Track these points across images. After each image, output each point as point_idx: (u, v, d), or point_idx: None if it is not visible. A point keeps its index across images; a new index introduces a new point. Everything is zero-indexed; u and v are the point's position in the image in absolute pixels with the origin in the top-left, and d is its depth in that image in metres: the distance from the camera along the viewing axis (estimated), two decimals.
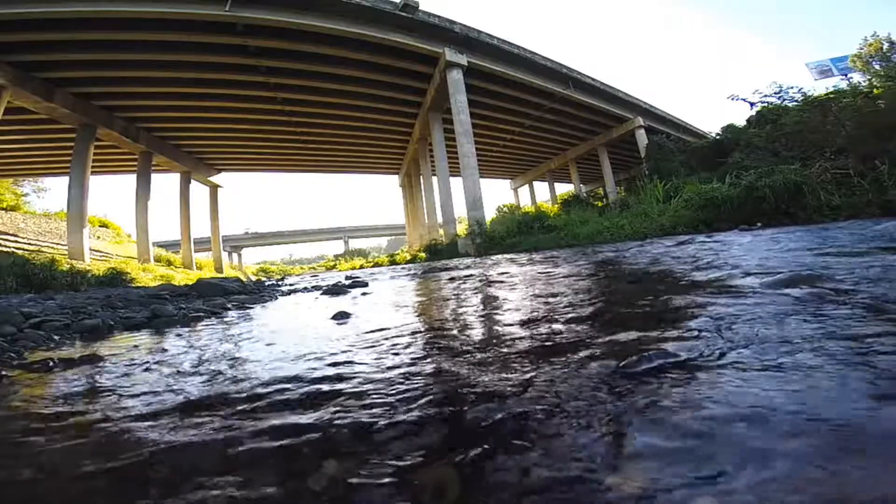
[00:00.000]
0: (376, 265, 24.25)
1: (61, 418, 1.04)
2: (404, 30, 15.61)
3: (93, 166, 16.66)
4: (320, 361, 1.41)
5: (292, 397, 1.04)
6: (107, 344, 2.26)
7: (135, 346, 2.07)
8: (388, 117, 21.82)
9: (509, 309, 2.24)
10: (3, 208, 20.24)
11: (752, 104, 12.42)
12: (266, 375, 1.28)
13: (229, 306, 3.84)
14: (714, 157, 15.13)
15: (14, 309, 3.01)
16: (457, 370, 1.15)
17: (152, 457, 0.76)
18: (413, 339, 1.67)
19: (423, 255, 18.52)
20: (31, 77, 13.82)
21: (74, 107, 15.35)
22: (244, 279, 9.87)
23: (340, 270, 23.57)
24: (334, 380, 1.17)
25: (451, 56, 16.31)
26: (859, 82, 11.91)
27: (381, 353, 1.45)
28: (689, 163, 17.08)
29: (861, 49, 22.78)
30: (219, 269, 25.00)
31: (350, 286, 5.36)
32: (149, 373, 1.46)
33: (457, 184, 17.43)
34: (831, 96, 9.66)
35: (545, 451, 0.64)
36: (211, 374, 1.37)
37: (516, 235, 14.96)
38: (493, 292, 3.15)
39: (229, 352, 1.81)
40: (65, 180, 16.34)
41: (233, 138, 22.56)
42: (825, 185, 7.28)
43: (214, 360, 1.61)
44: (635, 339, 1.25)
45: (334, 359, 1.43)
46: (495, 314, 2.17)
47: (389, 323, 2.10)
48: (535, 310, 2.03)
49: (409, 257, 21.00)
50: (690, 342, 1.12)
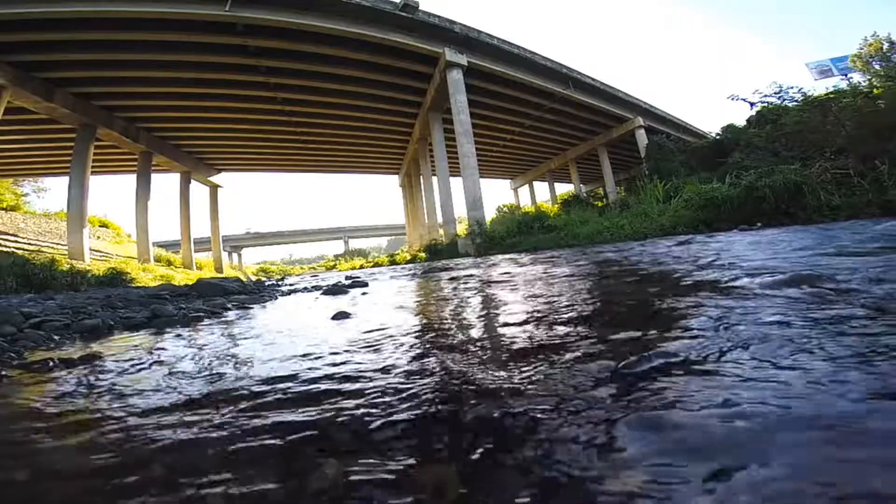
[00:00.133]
0: (376, 265, 24.26)
1: (61, 417, 1.03)
2: (404, 30, 15.62)
3: (93, 166, 16.67)
4: (320, 361, 1.41)
5: (292, 396, 1.04)
6: (107, 344, 2.25)
7: (135, 346, 2.07)
8: (388, 117, 21.83)
9: (509, 309, 2.24)
10: (3, 208, 20.26)
11: (752, 104, 12.44)
12: (266, 374, 1.28)
13: (229, 306, 3.84)
14: (714, 157, 15.14)
15: (14, 309, 3.01)
16: (456, 369, 1.15)
17: (152, 454, 0.76)
18: (413, 339, 1.67)
19: (423, 255, 18.53)
20: (31, 77, 13.83)
21: (74, 107, 15.36)
22: (244, 279, 9.87)
23: (340, 270, 23.58)
24: (333, 379, 1.17)
25: (451, 56, 16.32)
26: (859, 82, 11.91)
27: (381, 353, 1.45)
28: (689, 163, 17.09)
29: (861, 49, 22.81)
30: (219, 269, 25.01)
31: (350, 286, 5.36)
32: (149, 372, 1.46)
33: (457, 184, 17.47)
34: (831, 96, 9.66)
35: (544, 450, 0.64)
36: (211, 373, 1.37)
37: (516, 235, 14.96)
38: (494, 292, 3.14)
39: (229, 351, 1.81)
40: (65, 180, 16.36)
41: (233, 138, 22.58)
42: (825, 185, 7.28)
43: (214, 360, 1.61)
44: (636, 339, 1.25)
45: (334, 358, 1.43)
46: (495, 314, 2.17)
47: (389, 323, 2.10)
48: (536, 310, 2.02)
49: (409, 257, 21.01)
50: (691, 342, 1.12)
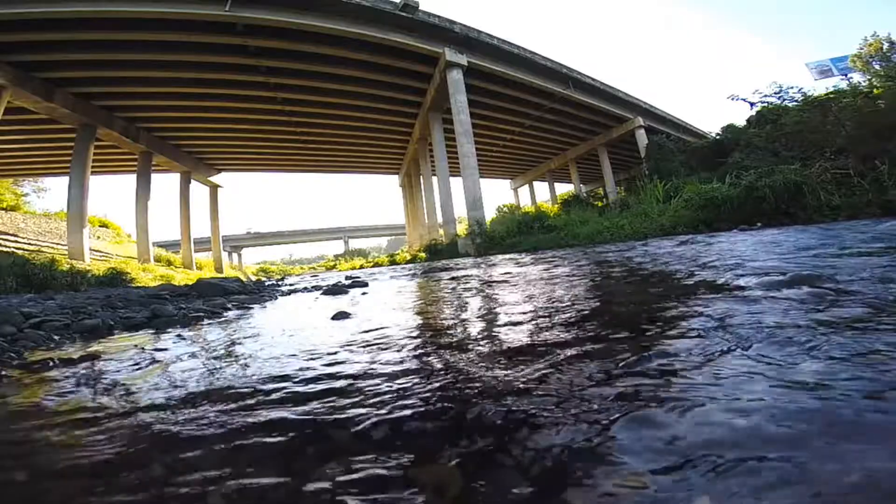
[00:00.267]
0: (376, 265, 24.25)
1: (61, 417, 1.03)
2: (404, 30, 15.61)
3: (93, 166, 16.66)
4: (319, 360, 1.41)
5: (291, 395, 1.04)
6: (107, 344, 2.25)
7: (135, 346, 2.07)
8: (388, 117, 21.82)
9: (509, 309, 2.23)
10: (3, 208, 20.24)
11: (752, 104, 12.43)
12: (265, 373, 1.28)
13: (229, 306, 3.84)
14: (714, 157, 15.13)
15: (14, 309, 3.00)
16: (455, 369, 1.15)
17: (152, 453, 0.76)
18: (413, 339, 1.67)
19: (423, 255, 18.52)
20: (31, 77, 13.82)
21: (74, 107, 15.35)
22: (244, 279, 9.86)
23: (340, 270, 23.57)
24: (332, 378, 1.17)
25: (451, 56, 16.31)
26: (859, 82, 11.91)
27: (380, 352, 1.45)
28: (689, 163, 17.08)
29: (861, 49, 22.79)
30: (219, 269, 25.00)
31: (350, 286, 5.36)
32: (148, 372, 1.46)
33: (457, 184, 17.45)
34: (831, 96, 9.66)
35: (542, 451, 0.64)
36: (211, 373, 1.37)
37: (516, 235, 14.96)
38: (494, 292, 3.14)
39: (229, 351, 1.81)
40: (65, 180, 16.35)
41: (233, 138, 22.57)
42: (825, 185, 7.28)
43: (214, 360, 1.61)
44: (636, 338, 1.25)
45: (333, 358, 1.43)
46: (495, 314, 2.17)
47: (389, 323, 2.10)
48: (536, 310, 2.02)
49: (409, 257, 21.00)
50: (691, 342, 1.12)
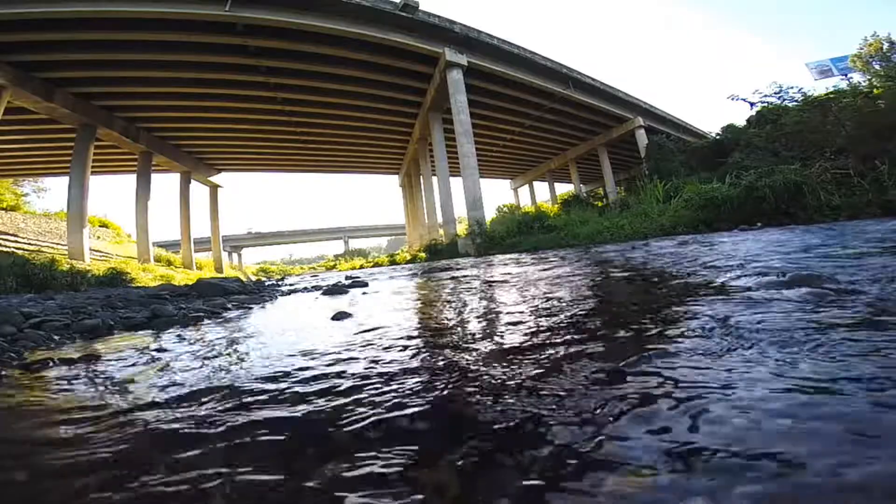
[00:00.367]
0: (376, 265, 24.25)
1: (61, 416, 1.03)
2: (404, 30, 15.61)
3: (93, 166, 16.66)
4: (319, 360, 1.40)
5: (291, 394, 1.04)
6: (107, 344, 2.26)
7: (134, 346, 2.07)
8: (388, 117, 21.82)
9: (509, 309, 2.23)
10: (3, 208, 20.24)
11: (752, 104, 12.45)
12: (265, 373, 1.28)
13: (229, 306, 3.84)
14: (714, 157, 15.14)
15: (14, 309, 3.01)
16: (455, 369, 1.15)
17: (151, 452, 0.76)
18: (412, 339, 1.66)
19: (423, 255, 18.52)
20: (31, 77, 13.82)
21: (74, 107, 15.35)
22: (244, 279, 9.86)
23: (340, 270, 23.57)
24: (331, 377, 1.17)
25: (451, 56, 16.31)
26: (859, 82, 11.93)
27: (380, 352, 1.45)
28: (689, 163, 17.08)
29: (861, 49, 22.79)
30: (219, 269, 25.00)
31: (350, 286, 5.36)
32: (148, 372, 1.46)
33: (457, 184, 17.45)
34: (831, 96, 9.67)
35: (542, 449, 0.64)
36: (210, 372, 1.37)
37: (516, 235, 14.96)
38: (494, 293, 3.14)
39: (229, 351, 1.81)
40: (65, 180, 16.35)
41: (233, 138, 22.57)
42: (825, 185, 7.28)
43: (214, 359, 1.61)
44: (636, 339, 1.25)
45: (333, 357, 1.43)
46: (495, 314, 2.17)
47: (389, 323, 2.10)
48: (536, 310, 2.02)
49: (409, 257, 20.99)
50: (691, 342, 1.12)
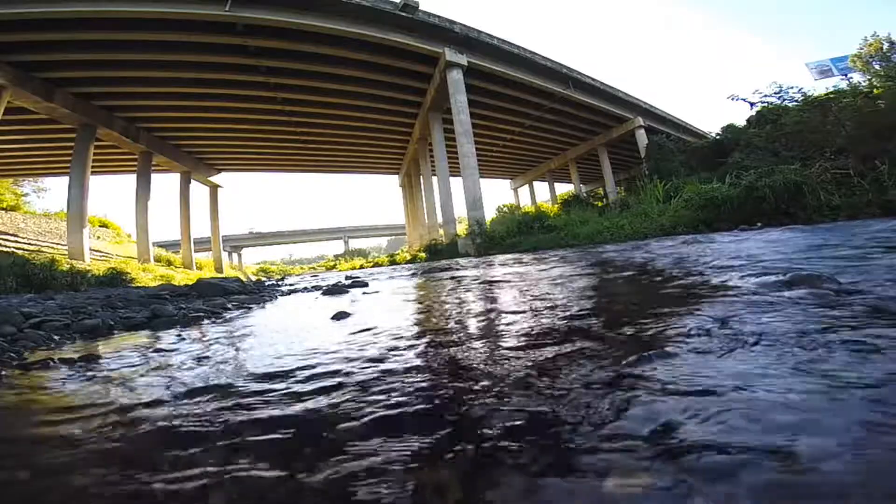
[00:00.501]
0: (376, 265, 24.24)
1: (60, 415, 1.03)
2: (404, 30, 15.60)
3: (93, 166, 16.65)
4: (319, 360, 1.40)
5: (290, 393, 1.04)
6: (107, 344, 2.26)
7: (135, 346, 2.07)
8: (388, 117, 21.81)
9: (509, 309, 2.23)
10: (3, 208, 20.23)
11: (752, 104, 12.43)
12: (264, 372, 1.28)
13: (229, 306, 3.84)
14: (714, 157, 15.12)
15: (14, 309, 3.01)
16: (454, 367, 1.15)
17: (149, 450, 0.76)
18: (412, 339, 1.66)
19: (423, 255, 18.51)
20: (31, 77, 13.81)
21: (74, 107, 15.34)
22: (244, 279, 9.86)
23: (340, 270, 23.57)
24: (332, 376, 1.17)
25: (451, 56, 16.30)
26: (859, 82, 11.91)
27: (380, 351, 1.45)
28: (689, 163, 17.06)
29: (861, 49, 22.77)
30: (219, 269, 24.99)
31: (350, 286, 5.36)
32: (148, 371, 1.46)
33: (457, 184, 17.43)
34: (831, 96, 9.65)
35: (541, 448, 0.64)
36: (210, 372, 1.37)
37: (516, 235, 14.95)
38: (494, 293, 3.14)
39: (229, 350, 1.81)
40: (65, 180, 16.34)
41: (233, 138, 22.55)
42: (825, 185, 7.27)
43: (213, 359, 1.61)
44: (636, 339, 1.25)
45: (333, 357, 1.43)
46: (495, 314, 2.17)
47: (389, 322, 2.10)
48: (536, 309, 2.02)
49: (409, 257, 20.98)
50: (692, 343, 1.12)
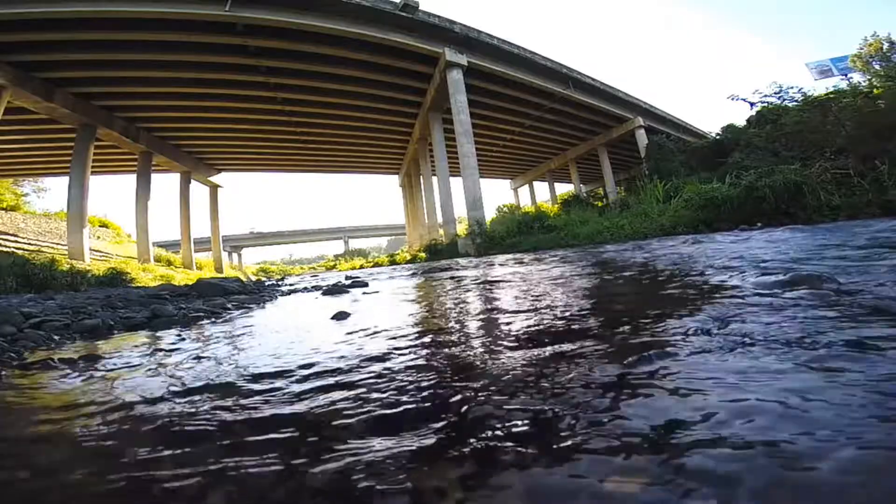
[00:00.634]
0: (376, 265, 24.23)
1: (60, 415, 1.03)
2: (404, 30, 15.60)
3: (93, 166, 16.64)
4: (319, 359, 1.40)
5: (290, 393, 1.04)
6: (107, 344, 2.26)
7: (134, 346, 2.07)
8: (388, 117, 21.81)
9: (509, 309, 2.23)
10: (3, 208, 20.23)
11: (752, 104, 12.43)
12: (264, 372, 1.28)
13: (229, 306, 3.84)
14: (714, 157, 15.12)
15: (14, 309, 3.00)
16: (452, 368, 1.15)
17: (152, 450, 0.76)
18: (412, 339, 1.66)
19: (423, 255, 18.51)
20: (31, 77, 13.81)
21: (74, 107, 15.34)
22: (244, 279, 9.86)
23: (340, 270, 23.56)
24: (332, 375, 1.17)
25: (451, 56, 16.30)
26: (859, 82, 11.91)
27: (380, 351, 1.45)
28: (689, 163, 17.06)
29: (861, 49, 22.79)
30: (219, 269, 24.99)
31: (350, 286, 5.36)
32: (148, 371, 1.46)
33: (457, 184, 17.43)
34: (831, 96, 9.66)
35: (540, 448, 0.64)
36: (210, 371, 1.37)
37: (516, 235, 14.95)
38: (494, 293, 3.15)
39: (229, 350, 1.81)
40: (65, 180, 16.33)
41: (233, 138, 22.55)
42: (825, 185, 7.28)
43: (213, 359, 1.61)
44: (636, 339, 1.25)
45: (333, 356, 1.43)
46: (495, 314, 2.17)
47: (389, 323, 2.10)
48: (536, 310, 2.02)
49: (409, 257, 20.98)
50: (692, 343, 1.12)
